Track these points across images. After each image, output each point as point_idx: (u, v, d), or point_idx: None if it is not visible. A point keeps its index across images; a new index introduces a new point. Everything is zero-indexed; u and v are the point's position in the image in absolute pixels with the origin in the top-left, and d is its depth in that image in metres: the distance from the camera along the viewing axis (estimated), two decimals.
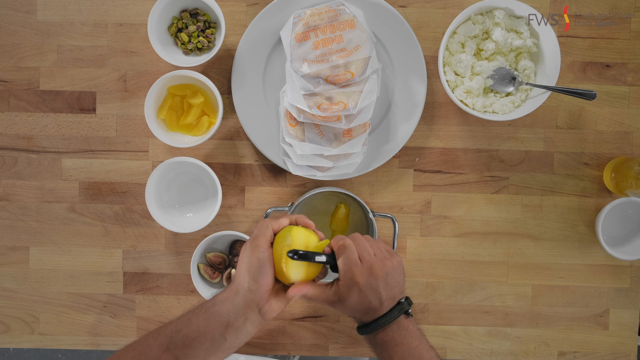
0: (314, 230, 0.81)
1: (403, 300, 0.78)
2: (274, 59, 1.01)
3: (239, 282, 0.75)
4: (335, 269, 0.79)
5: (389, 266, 0.77)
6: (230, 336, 0.74)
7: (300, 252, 0.74)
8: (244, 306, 0.74)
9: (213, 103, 1.00)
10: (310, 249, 0.77)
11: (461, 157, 1.05)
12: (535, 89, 0.98)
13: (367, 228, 1.03)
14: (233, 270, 1.02)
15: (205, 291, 1.01)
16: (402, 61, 1.00)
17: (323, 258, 0.76)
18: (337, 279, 0.78)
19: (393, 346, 0.76)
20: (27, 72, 1.04)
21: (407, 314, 0.78)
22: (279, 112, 1.01)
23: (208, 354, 0.74)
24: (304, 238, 0.77)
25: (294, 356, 1.09)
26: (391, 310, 0.77)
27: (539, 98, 0.96)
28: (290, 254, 0.74)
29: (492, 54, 0.98)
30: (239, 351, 1.06)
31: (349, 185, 1.05)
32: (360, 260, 0.77)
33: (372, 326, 0.77)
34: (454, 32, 0.98)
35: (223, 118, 1.04)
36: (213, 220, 1.02)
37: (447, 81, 0.98)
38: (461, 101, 0.98)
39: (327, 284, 0.78)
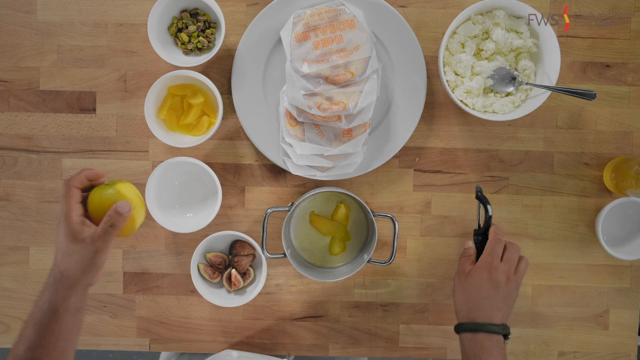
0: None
1: (508, 326, 0.85)
2: (274, 59, 1.01)
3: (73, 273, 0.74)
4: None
5: (517, 289, 0.87)
6: (81, 320, 0.76)
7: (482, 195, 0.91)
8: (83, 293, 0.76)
9: (213, 103, 1.00)
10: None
11: (461, 157, 1.05)
12: (535, 89, 0.98)
13: (367, 228, 1.03)
14: (233, 271, 1.02)
15: (206, 291, 1.01)
16: (402, 61, 1.00)
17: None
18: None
19: (488, 356, 0.82)
20: (27, 72, 1.04)
21: (506, 337, 0.85)
22: (279, 112, 1.01)
23: (70, 348, 0.75)
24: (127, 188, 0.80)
25: (289, 355, 1.09)
26: (500, 324, 0.84)
27: (539, 98, 0.96)
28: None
29: (492, 54, 0.98)
30: (233, 347, 1.06)
31: (349, 185, 1.05)
32: (502, 260, 0.88)
33: (481, 326, 0.83)
34: (454, 32, 0.98)
35: (223, 118, 1.04)
36: (213, 220, 1.02)
37: (447, 81, 0.98)
38: (461, 101, 0.98)
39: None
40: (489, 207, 0.92)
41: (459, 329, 0.86)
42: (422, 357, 1.07)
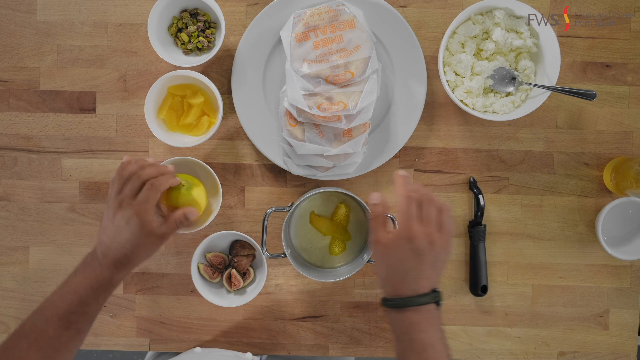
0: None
1: (438, 290, 0.78)
2: (274, 59, 1.01)
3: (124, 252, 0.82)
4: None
5: (445, 249, 0.77)
6: (118, 278, 0.83)
7: None
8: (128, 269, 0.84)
9: (213, 103, 1.00)
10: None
11: (461, 157, 1.05)
12: (535, 89, 0.98)
13: (367, 228, 1.03)
14: (233, 271, 1.02)
15: (206, 291, 1.01)
16: (402, 61, 1.00)
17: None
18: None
19: (419, 332, 0.74)
20: (27, 72, 1.04)
21: (438, 304, 0.77)
22: (279, 112, 1.01)
23: (100, 303, 0.82)
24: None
25: (261, 355, 1.09)
26: (429, 292, 0.76)
27: (539, 98, 0.96)
28: None
29: (492, 54, 0.98)
30: (233, 347, 1.06)
31: (349, 185, 1.05)
32: (421, 221, 0.77)
33: (407, 300, 0.76)
34: (454, 32, 0.98)
35: (223, 118, 1.04)
36: (213, 220, 1.02)
37: (447, 81, 0.98)
38: (461, 101, 0.98)
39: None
40: (480, 197, 0.93)
41: (385, 304, 0.79)
42: None
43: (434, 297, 0.76)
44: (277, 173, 1.05)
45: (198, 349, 1.05)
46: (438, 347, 0.74)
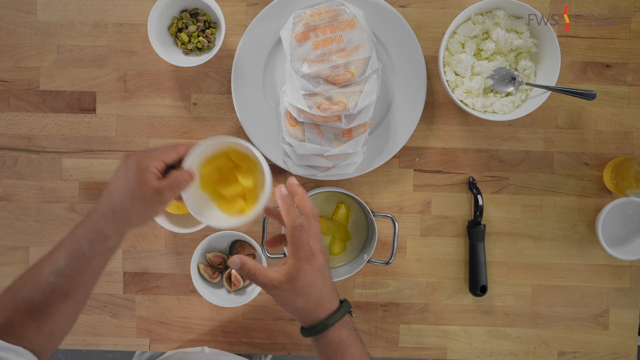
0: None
1: (344, 298, 0.77)
2: (274, 59, 1.01)
3: (113, 204, 0.72)
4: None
5: (325, 256, 0.75)
6: (109, 230, 0.73)
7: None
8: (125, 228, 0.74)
9: (258, 195, 0.81)
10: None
11: (461, 157, 1.05)
12: (535, 89, 0.98)
13: (367, 228, 1.03)
14: (233, 270, 1.02)
15: (205, 291, 1.01)
16: (402, 61, 1.00)
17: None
18: (286, 258, 0.74)
19: (347, 346, 0.73)
20: (27, 72, 1.04)
21: (350, 313, 0.77)
22: (279, 112, 1.01)
23: (96, 261, 0.73)
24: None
25: (265, 356, 1.09)
26: (341, 305, 0.75)
27: (539, 98, 0.96)
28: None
29: (492, 54, 0.98)
30: (233, 347, 1.06)
31: (349, 185, 1.05)
32: (312, 240, 0.73)
33: (330, 320, 0.73)
34: (454, 32, 0.98)
35: (223, 118, 1.04)
36: None
37: (447, 81, 0.98)
38: (461, 101, 0.98)
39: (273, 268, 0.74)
40: (479, 197, 0.93)
41: (310, 333, 0.74)
42: (422, 357, 1.07)
43: (347, 306, 0.75)
44: (277, 173, 1.05)
45: (207, 349, 1.05)
46: (365, 355, 0.74)
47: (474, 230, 1.03)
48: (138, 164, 0.73)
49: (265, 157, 1.03)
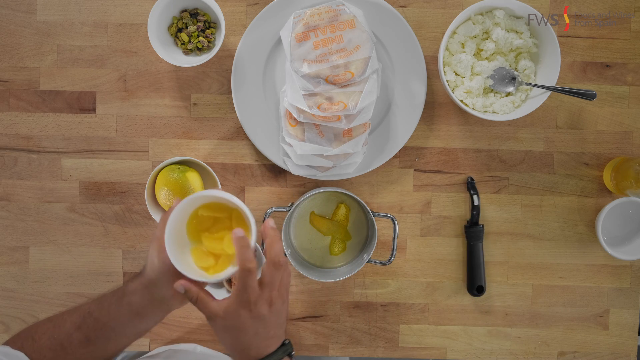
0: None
1: (287, 341, 0.77)
2: (274, 59, 1.01)
3: (148, 274, 0.76)
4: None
5: (284, 305, 0.75)
6: (139, 323, 0.77)
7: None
8: (152, 299, 0.76)
9: (231, 262, 0.77)
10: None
11: (461, 157, 1.05)
12: (535, 89, 0.98)
13: (367, 228, 1.03)
14: None
15: None
16: (402, 61, 1.00)
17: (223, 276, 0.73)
18: (229, 294, 0.74)
19: None
20: (27, 72, 1.04)
21: (290, 355, 0.77)
22: (279, 112, 1.01)
23: (118, 337, 0.77)
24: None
25: None
26: (279, 348, 0.75)
27: (539, 98, 0.96)
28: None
29: (492, 54, 0.98)
30: (200, 341, 1.07)
31: (349, 185, 1.05)
32: (261, 286, 0.72)
33: None
34: (454, 32, 0.98)
35: (223, 118, 1.04)
36: None
37: (447, 81, 0.98)
38: (461, 101, 0.98)
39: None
40: (475, 197, 0.93)
41: None
42: (422, 357, 1.07)
43: (285, 350, 0.75)
44: (277, 173, 1.05)
45: (198, 348, 1.05)
46: None
47: (472, 230, 1.03)
48: (157, 242, 0.75)
49: (266, 157, 1.03)
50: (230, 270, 0.72)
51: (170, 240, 0.72)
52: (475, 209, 1.02)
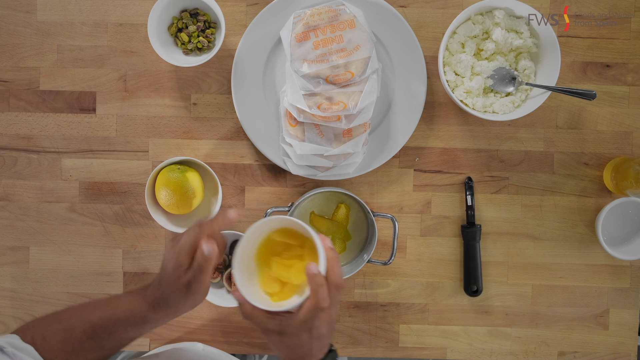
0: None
1: (334, 347, 0.77)
2: (274, 59, 1.01)
3: (170, 299, 0.74)
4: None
5: (335, 314, 0.75)
6: (153, 318, 0.76)
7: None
8: (174, 317, 0.76)
9: (299, 292, 0.76)
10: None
11: (461, 157, 1.05)
12: (535, 89, 0.98)
13: (367, 228, 1.03)
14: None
15: None
16: (402, 61, 1.00)
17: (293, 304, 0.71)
18: (285, 313, 0.72)
19: None
20: (27, 72, 1.04)
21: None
22: (279, 112, 1.01)
23: (130, 334, 0.77)
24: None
25: (261, 356, 1.08)
26: (327, 354, 0.75)
27: (539, 98, 0.96)
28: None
29: (492, 54, 0.98)
30: (233, 347, 1.06)
31: (349, 185, 1.05)
32: (324, 311, 0.71)
33: None
34: (454, 32, 0.98)
35: (223, 118, 1.04)
36: None
37: (447, 81, 0.98)
38: (461, 101, 0.98)
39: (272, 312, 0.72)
40: (469, 197, 0.93)
41: None
42: (422, 357, 1.07)
43: (332, 356, 0.76)
44: (277, 173, 1.05)
45: (200, 345, 1.05)
46: None
47: (468, 230, 1.03)
48: (175, 261, 0.72)
49: (266, 157, 1.03)
50: (295, 300, 0.71)
51: (239, 259, 0.72)
52: (469, 209, 1.02)
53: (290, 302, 0.71)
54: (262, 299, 0.73)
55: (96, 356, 0.78)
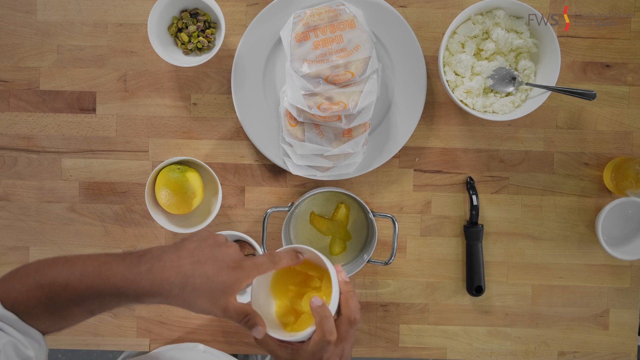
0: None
1: None
2: (274, 59, 1.01)
3: (184, 281, 0.66)
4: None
5: (351, 351, 0.74)
6: (149, 302, 0.68)
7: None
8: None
9: (310, 324, 0.76)
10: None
11: (461, 157, 1.05)
12: (535, 89, 0.98)
13: (367, 228, 1.03)
14: None
15: None
16: (402, 61, 1.00)
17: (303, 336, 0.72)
18: (297, 343, 0.72)
19: None
20: (27, 72, 1.04)
21: None
22: (279, 112, 1.01)
23: (122, 305, 0.69)
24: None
25: (264, 356, 1.08)
26: None
27: (539, 98, 0.96)
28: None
29: (492, 54, 0.98)
30: (232, 347, 1.06)
31: (349, 185, 1.05)
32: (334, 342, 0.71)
33: None
34: (454, 32, 0.98)
35: (223, 118, 1.04)
36: (213, 220, 1.02)
37: (447, 81, 0.98)
38: (461, 101, 0.98)
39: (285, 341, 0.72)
40: (473, 197, 0.93)
41: None
42: (422, 357, 1.07)
43: None
44: (277, 173, 1.05)
45: (201, 346, 1.05)
46: None
47: (471, 230, 1.03)
48: (233, 283, 0.67)
49: (266, 157, 1.03)
50: (310, 331, 0.71)
51: (258, 284, 0.72)
52: (474, 209, 1.02)
53: (302, 333, 0.71)
54: (276, 327, 0.73)
55: (85, 317, 0.70)
